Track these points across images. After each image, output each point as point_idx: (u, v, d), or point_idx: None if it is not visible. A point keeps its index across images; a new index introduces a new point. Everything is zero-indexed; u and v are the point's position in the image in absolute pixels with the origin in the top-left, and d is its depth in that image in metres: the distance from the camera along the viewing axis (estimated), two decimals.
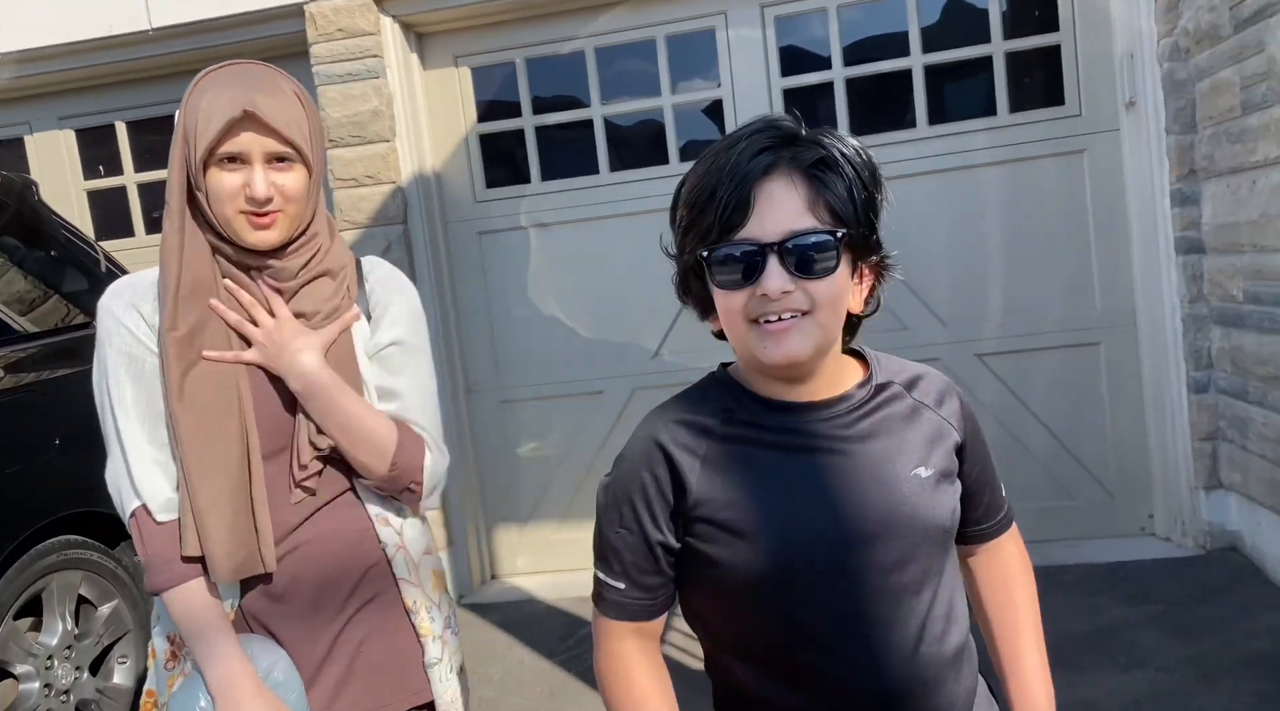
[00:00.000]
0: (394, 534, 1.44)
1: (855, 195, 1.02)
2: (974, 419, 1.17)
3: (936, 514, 1.07)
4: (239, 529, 1.31)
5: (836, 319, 1.04)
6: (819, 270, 1.00)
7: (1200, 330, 3.53)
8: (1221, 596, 3.20)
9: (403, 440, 1.40)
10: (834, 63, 3.90)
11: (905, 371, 1.15)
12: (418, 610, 1.44)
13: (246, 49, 4.13)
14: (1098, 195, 3.76)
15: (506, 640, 3.57)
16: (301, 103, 1.34)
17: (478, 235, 4.18)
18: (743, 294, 1.01)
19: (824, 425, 1.07)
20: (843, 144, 1.03)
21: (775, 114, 1.07)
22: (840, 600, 1.04)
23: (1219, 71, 3.24)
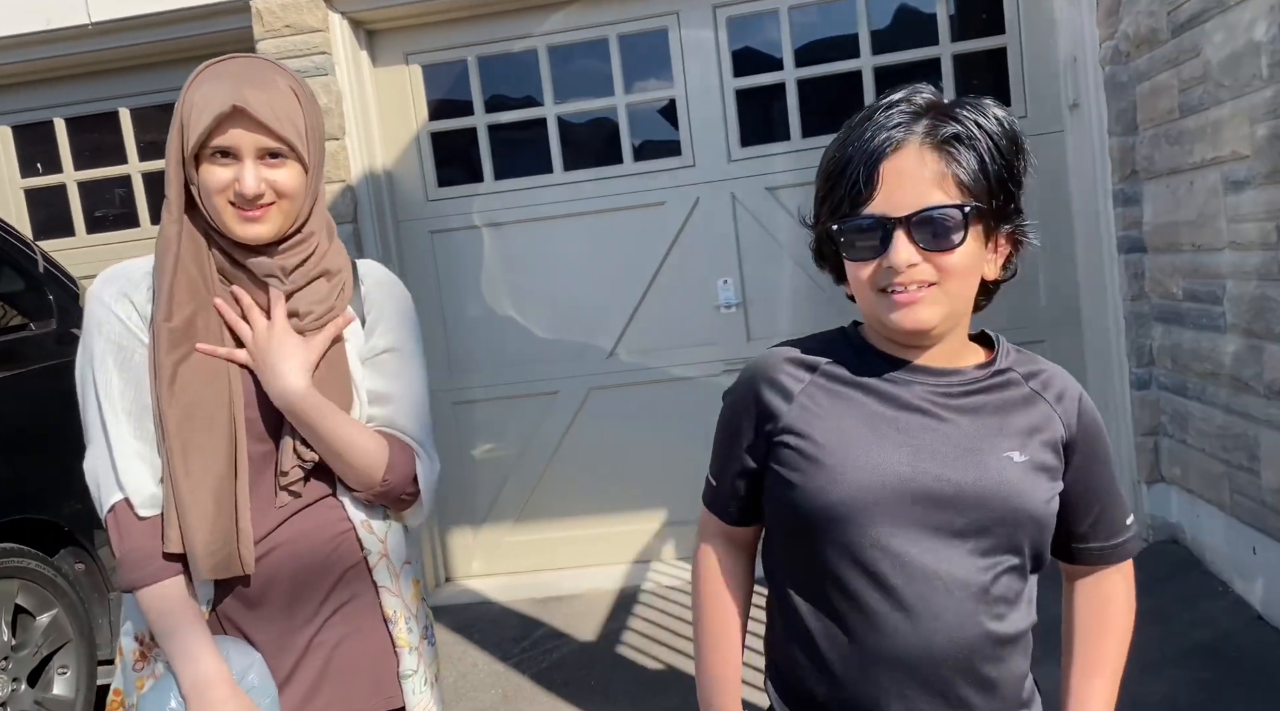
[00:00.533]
0: (377, 541, 1.42)
1: (988, 168, 1.03)
2: (1096, 427, 1.15)
3: (1020, 497, 1.07)
4: (221, 527, 1.29)
5: (968, 288, 1.07)
6: (945, 244, 1.02)
7: (1142, 328, 3.62)
8: (1163, 587, 3.28)
9: (392, 454, 1.38)
10: (785, 63, 3.93)
11: (1031, 363, 1.16)
12: (396, 619, 1.43)
13: (190, 45, 4.05)
14: (1043, 195, 3.84)
15: (461, 643, 3.54)
16: (298, 98, 1.31)
17: (430, 234, 4.14)
18: (871, 265, 1.04)
19: (930, 390, 1.10)
20: (981, 114, 1.04)
21: (919, 85, 1.09)
22: (904, 547, 1.06)
23: (1158, 75, 3.32)
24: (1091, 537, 1.18)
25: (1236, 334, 2.98)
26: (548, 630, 3.56)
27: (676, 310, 4.02)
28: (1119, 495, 1.19)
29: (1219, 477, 3.18)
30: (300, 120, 1.31)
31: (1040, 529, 1.10)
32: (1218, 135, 2.97)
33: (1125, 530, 1.19)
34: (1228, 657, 2.77)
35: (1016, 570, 1.10)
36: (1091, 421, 1.14)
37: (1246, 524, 3.03)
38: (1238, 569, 3.13)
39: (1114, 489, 1.18)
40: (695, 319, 4.01)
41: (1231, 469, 3.09)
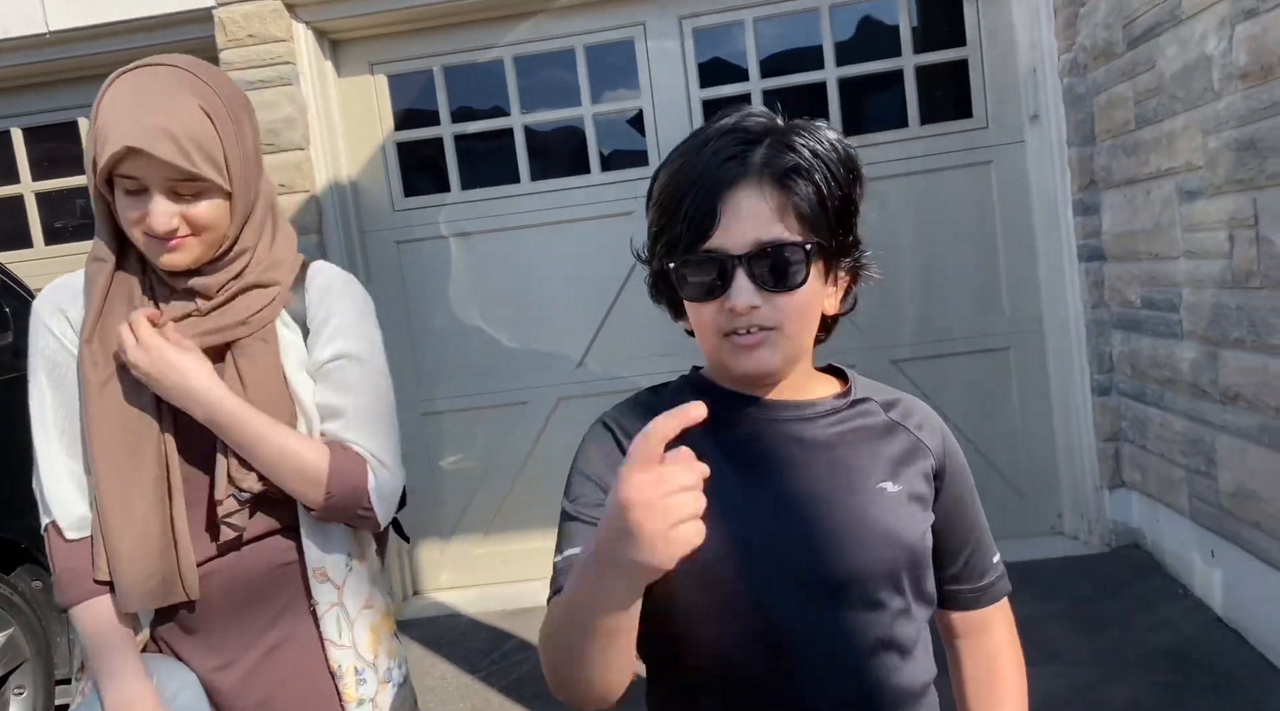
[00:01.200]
0: (331, 590, 1.36)
1: (828, 200, 0.97)
2: (959, 458, 1.11)
3: (902, 530, 1.01)
4: (151, 554, 1.25)
5: (807, 330, 1.02)
6: (788, 283, 0.96)
7: (1102, 335, 3.68)
8: (1124, 591, 3.33)
9: (337, 465, 1.30)
10: (751, 74, 3.96)
11: (886, 393, 1.12)
12: (344, 673, 1.37)
13: (150, 53, 4.00)
14: (1005, 205, 3.90)
15: (430, 656, 3.51)
16: (212, 120, 1.20)
17: (396, 244, 4.11)
18: (711, 306, 0.98)
19: (791, 425, 1.04)
20: (817, 141, 0.98)
21: (750, 107, 1.02)
22: (787, 602, 0.99)
23: (1114, 86, 3.39)
24: (964, 578, 1.12)
25: (1193, 340, 3.04)
26: (518, 642, 3.54)
27: (645, 319, 4.01)
28: (987, 532, 1.14)
29: (1178, 482, 3.24)
30: (216, 147, 1.21)
31: (919, 564, 1.04)
32: (1172, 146, 3.03)
33: (994, 569, 1.14)
34: (1189, 660, 2.82)
35: (904, 613, 1.02)
36: (955, 452, 1.11)
37: (1205, 527, 3.09)
38: (1197, 572, 3.19)
39: (982, 525, 1.13)
40: (664, 328, 3.98)
41: (1190, 473, 3.15)
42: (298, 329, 1.35)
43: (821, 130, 1.00)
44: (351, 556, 1.40)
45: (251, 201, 1.29)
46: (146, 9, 3.83)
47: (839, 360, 1.16)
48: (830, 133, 1.00)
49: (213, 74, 1.26)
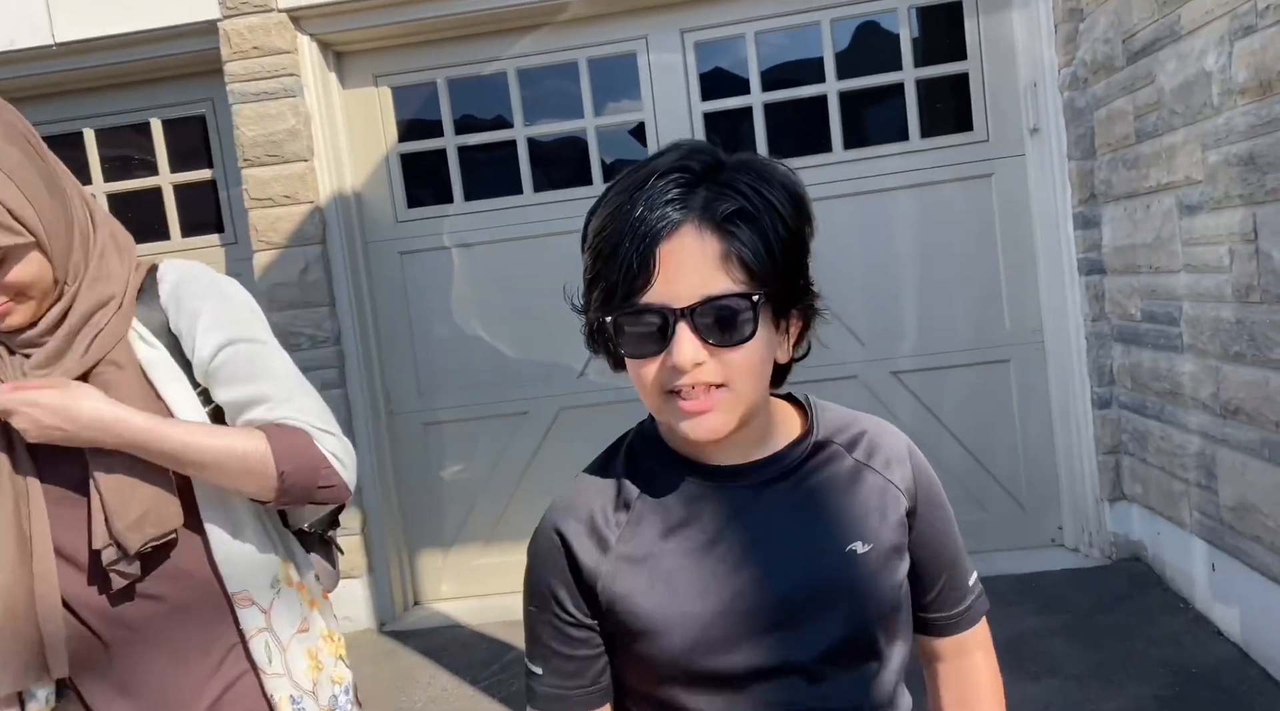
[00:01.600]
0: (258, 614, 1.27)
1: (774, 245, 0.89)
2: (933, 487, 1.05)
3: (876, 594, 0.97)
4: (10, 637, 1.14)
5: (759, 385, 0.93)
6: (734, 337, 0.88)
7: (1103, 348, 3.69)
8: (1125, 604, 3.33)
9: (280, 444, 1.22)
10: (753, 87, 3.98)
11: (850, 428, 1.03)
12: (279, 703, 1.29)
13: (157, 66, 4.03)
14: (1005, 218, 3.91)
15: (430, 667, 3.51)
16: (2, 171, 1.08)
17: (399, 255, 4.13)
18: (653, 363, 0.90)
19: (750, 495, 0.97)
20: (763, 181, 0.90)
21: (691, 142, 0.95)
22: (764, 689, 0.95)
23: (1114, 100, 3.41)
24: (940, 606, 1.07)
25: (1193, 354, 3.05)
26: (517, 653, 3.54)
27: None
28: (963, 554, 1.08)
29: (1178, 495, 3.24)
30: (14, 195, 1.10)
31: (895, 617, 1.00)
32: (1172, 160, 3.04)
33: (970, 592, 1.09)
34: (1189, 674, 2.81)
35: (880, 669, 0.99)
36: (927, 480, 1.04)
37: (1205, 541, 3.09)
38: (1197, 585, 3.19)
39: (959, 548, 1.07)
40: None
41: (1190, 487, 3.15)
42: (157, 341, 1.24)
43: (769, 167, 0.92)
44: (279, 579, 1.31)
45: (66, 236, 1.18)
46: (152, 21, 3.86)
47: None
48: (779, 168, 0.93)
49: None
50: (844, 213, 3.87)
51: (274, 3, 3.77)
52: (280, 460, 1.21)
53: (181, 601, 1.24)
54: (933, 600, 1.07)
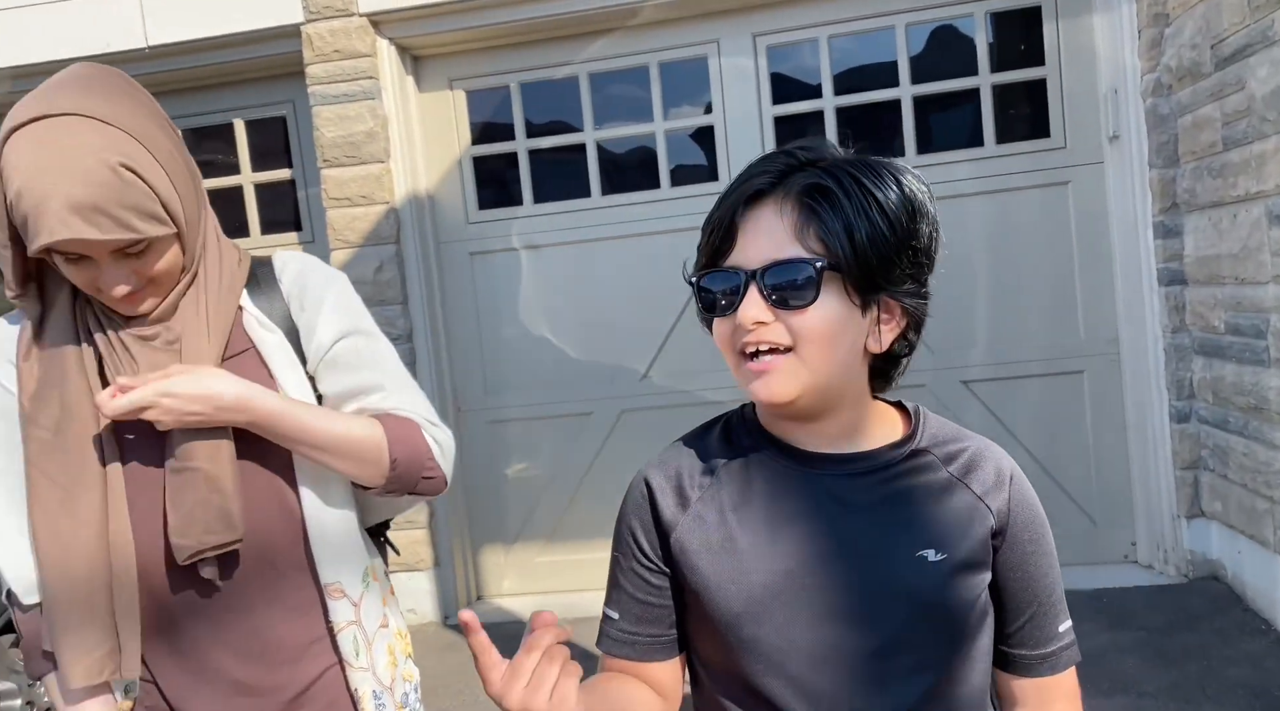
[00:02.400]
0: (349, 606, 1.27)
1: (858, 226, 0.91)
2: (1032, 519, 1.02)
3: (941, 602, 0.96)
4: (95, 624, 1.14)
5: (828, 358, 0.94)
6: (796, 301, 0.92)
7: (1182, 360, 3.58)
8: (1202, 624, 3.23)
9: (393, 431, 1.24)
10: (824, 91, 3.96)
11: (953, 443, 1.03)
12: (361, 698, 1.29)
13: (243, 68, 4.16)
14: (1082, 226, 3.82)
15: None
16: (137, 171, 1.06)
17: (469, 256, 4.20)
18: (727, 323, 0.96)
19: (833, 483, 0.99)
20: (867, 171, 0.94)
21: (821, 140, 1.00)
22: (805, 673, 0.96)
23: (1201, 108, 3.31)
24: (1022, 642, 1.04)
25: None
26: (579, 651, 3.55)
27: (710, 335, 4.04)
28: (1058, 596, 1.04)
29: (1261, 513, 3.13)
30: (151, 199, 1.08)
31: (965, 634, 0.98)
32: (1262, 168, 2.95)
33: (1060, 638, 1.04)
34: (1270, 697, 2.72)
35: (948, 688, 0.97)
36: (1026, 508, 1.02)
37: None
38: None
39: (1052, 587, 1.03)
40: None
41: (1275, 504, 3.04)
42: (276, 328, 1.25)
43: (887, 164, 0.96)
44: (369, 573, 1.32)
45: (199, 224, 1.19)
46: (239, 25, 3.99)
47: (908, 380, 1.12)
48: (899, 166, 0.96)
49: (119, 104, 1.10)
50: None
51: (355, 7, 3.87)
52: (394, 449, 1.23)
53: (273, 592, 1.24)
54: (1014, 632, 1.03)
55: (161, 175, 1.10)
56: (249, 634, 1.22)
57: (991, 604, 1.02)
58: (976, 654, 1.00)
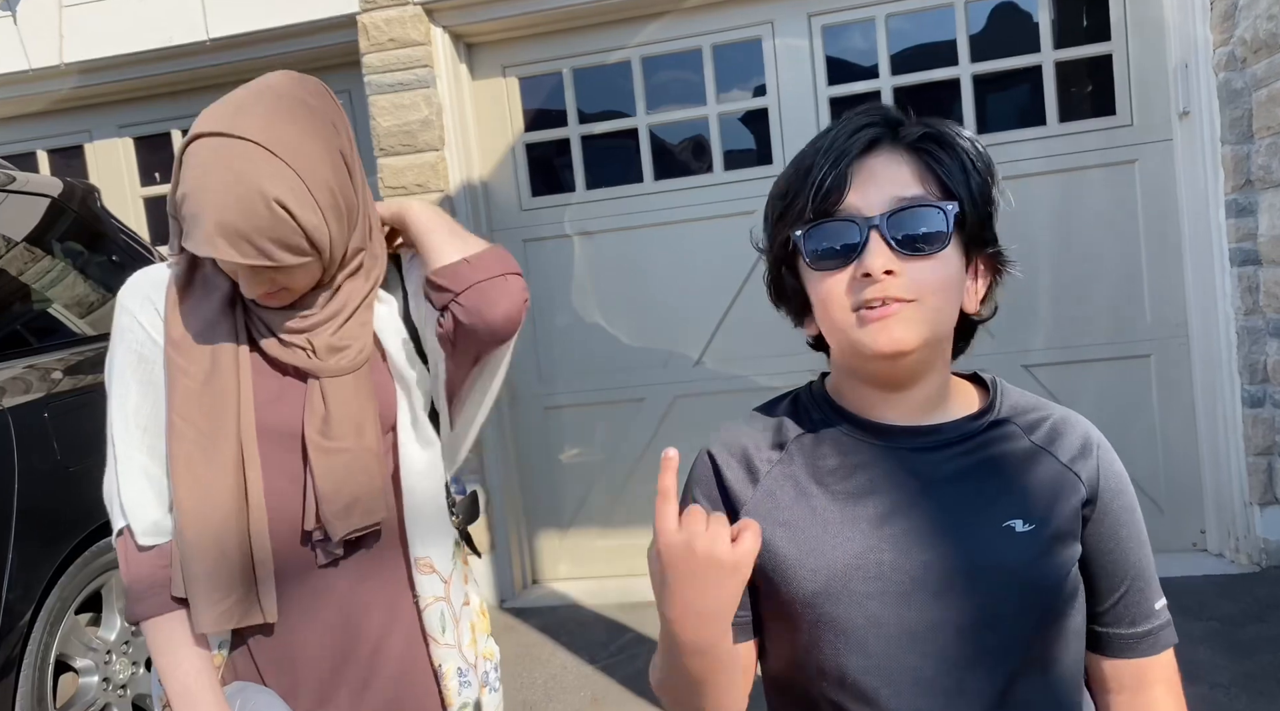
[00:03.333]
0: (438, 583, 1.28)
1: (970, 175, 0.90)
2: (1122, 488, 0.98)
3: (1031, 574, 0.91)
4: (226, 572, 1.17)
5: (949, 307, 0.91)
6: (928, 247, 0.87)
7: (1256, 343, 3.46)
8: (1276, 614, 3.13)
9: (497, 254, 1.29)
10: (881, 71, 3.89)
11: (1033, 411, 0.99)
12: (445, 675, 1.29)
13: (300, 58, 4.22)
14: (1149, 206, 3.71)
15: (549, 645, 3.59)
16: (289, 209, 1.10)
17: (523, 243, 4.22)
18: (843, 276, 0.89)
19: (911, 456, 0.95)
20: (956, 130, 0.93)
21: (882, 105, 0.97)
22: (895, 652, 0.91)
23: (1277, 81, 3.18)
24: (1114, 621, 0.98)
25: None
26: (634, 635, 3.59)
27: (764, 319, 3.97)
28: (1152, 572, 1.00)
29: None
30: (297, 235, 1.12)
31: (1059, 608, 0.93)
32: None
33: (1156, 616, 0.99)
34: None
35: (1039, 668, 0.93)
36: (1115, 477, 0.97)
37: None
38: None
39: (1145, 562, 0.99)
40: (782, 328, 3.92)
41: None
42: (389, 297, 1.30)
43: (960, 127, 0.95)
44: (458, 547, 1.34)
45: (346, 238, 1.21)
46: (297, 16, 4.05)
47: (968, 364, 1.08)
48: (967, 131, 0.95)
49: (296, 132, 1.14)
50: None
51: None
52: (478, 254, 1.28)
53: (368, 566, 1.25)
54: (1108, 610, 0.98)
55: (314, 210, 1.13)
56: (340, 606, 1.24)
57: (1081, 580, 0.97)
58: (1068, 633, 0.95)
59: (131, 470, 1.20)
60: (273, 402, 1.22)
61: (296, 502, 1.21)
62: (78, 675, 2.65)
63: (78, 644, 2.64)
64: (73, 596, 2.62)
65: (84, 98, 4.58)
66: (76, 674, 2.66)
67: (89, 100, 4.62)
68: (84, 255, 3.24)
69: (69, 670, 2.66)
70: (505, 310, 1.26)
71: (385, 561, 1.27)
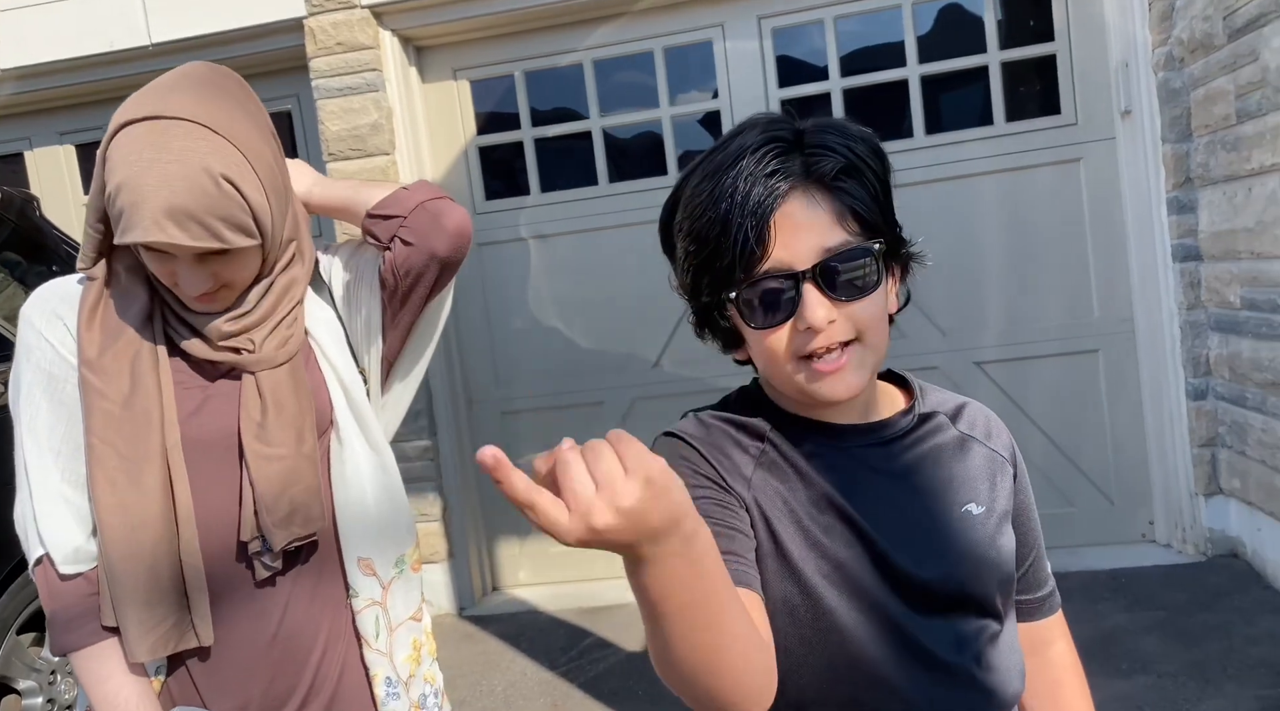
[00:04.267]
0: (375, 586, 1.25)
1: (878, 194, 0.92)
2: (1020, 456, 1.06)
3: (992, 553, 0.96)
4: (158, 597, 1.12)
5: (885, 331, 0.94)
6: (862, 289, 0.89)
7: (1198, 337, 3.55)
8: (1222, 602, 3.20)
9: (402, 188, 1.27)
10: (831, 73, 3.92)
11: (951, 403, 1.05)
12: (375, 680, 1.26)
13: (246, 63, 4.15)
14: (1094, 203, 3.78)
15: (509, 652, 3.57)
16: (235, 183, 1.07)
17: (478, 246, 4.18)
18: (783, 331, 0.90)
19: (863, 452, 0.97)
20: (847, 137, 0.92)
21: (765, 115, 0.95)
22: (882, 640, 0.93)
23: (1213, 80, 3.26)
24: (1026, 587, 1.07)
25: None
26: (595, 640, 3.57)
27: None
28: (1040, 536, 1.09)
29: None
30: (243, 212, 1.09)
31: (1009, 583, 0.99)
32: (1276, 141, 2.90)
33: (1050, 578, 1.10)
34: None
35: (1001, 637, 0.98)
36: (1021, 457, 1.06)
37: None
38: None
39: (1039, 530, 1.08)
40: None
41: None
42: (316, 296, 1.28)
43: (844, 123, 0.94)
44: (405, 560, 1.30)
45: (283, 232, 1.19)
46: (242, 20, 3.98)
47: (920, 362, 1.10)
48: (851, 123, 0.95)
49: (229, 111, 1.12)
50: (925, 199, 3.79)
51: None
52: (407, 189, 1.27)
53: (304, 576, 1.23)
54: (1022, 577, 1.06)
55: (258, 188, 1.11)
56: (280, 621, 1.21)
57: None
58: (1011, 604, 1.02)
59: (47, 495, 1.14)
60: (198, 413, 1.18)
61: (232, 515, 1.17)
62: (20, 696, 2.58)
63: (20, 665, 2.57)
64: (13, 617, 2.55)
65: (22, 104, 4.46)
66: (19, 696, 2.58)
67: (28, 107, 4.50)
68: (23, 266, 3.16)
69: (11, 692, 2.58)
70: (456, 223, 1.24)
71: (324, 572, 1.24)
